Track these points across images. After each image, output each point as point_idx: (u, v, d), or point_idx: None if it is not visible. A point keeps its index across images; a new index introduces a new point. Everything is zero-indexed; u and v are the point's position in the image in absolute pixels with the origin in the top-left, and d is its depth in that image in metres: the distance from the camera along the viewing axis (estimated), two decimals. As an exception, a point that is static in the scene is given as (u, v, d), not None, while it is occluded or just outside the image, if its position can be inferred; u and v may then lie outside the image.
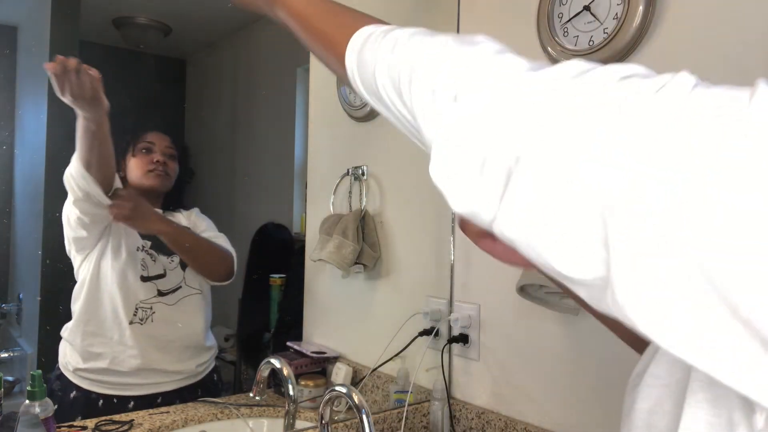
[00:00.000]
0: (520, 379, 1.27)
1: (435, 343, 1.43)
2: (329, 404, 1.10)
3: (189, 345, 1.40)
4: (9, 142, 1.24)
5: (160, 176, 1.36)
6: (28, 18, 1.32)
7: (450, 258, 1.45)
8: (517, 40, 1.29)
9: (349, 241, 1.47)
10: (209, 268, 1.43)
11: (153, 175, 1.36)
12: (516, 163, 0.37)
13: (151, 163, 1.36)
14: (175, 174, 1.40)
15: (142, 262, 1.32)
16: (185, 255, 1.38)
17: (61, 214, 1.24)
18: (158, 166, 1.36)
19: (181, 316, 1.38)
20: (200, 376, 1.41)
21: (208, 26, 1.66)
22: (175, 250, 1.36)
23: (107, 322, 1.28)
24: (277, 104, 1.77)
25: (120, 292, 1.28)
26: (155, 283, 1.34)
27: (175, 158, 1.40)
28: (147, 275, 1.33)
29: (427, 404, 1.38)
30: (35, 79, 1.27)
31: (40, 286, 1.26)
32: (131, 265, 1.31)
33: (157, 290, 1.34)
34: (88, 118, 1.17)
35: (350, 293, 1.63)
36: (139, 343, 1.30)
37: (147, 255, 1.33)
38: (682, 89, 0.35)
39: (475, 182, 0.40)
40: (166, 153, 1.38)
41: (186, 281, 1.39)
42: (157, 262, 1.35)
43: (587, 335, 1.14)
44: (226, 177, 1.46)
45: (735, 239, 0.30)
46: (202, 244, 1.42)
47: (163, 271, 1.36)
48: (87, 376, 1.27)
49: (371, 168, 1.57)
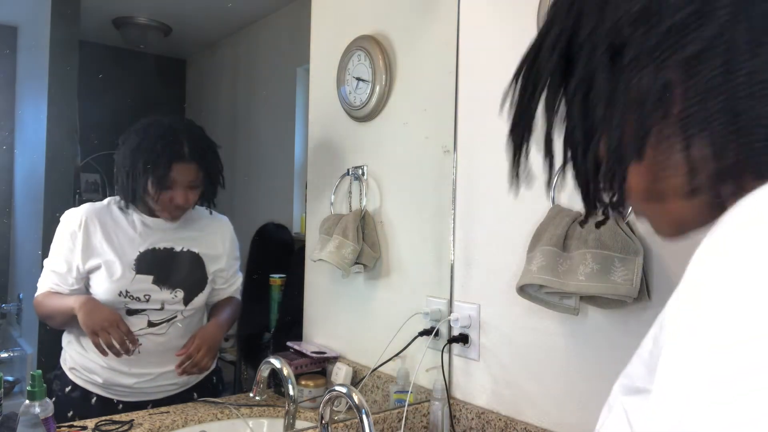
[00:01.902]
0: (520, 379, 1.26)
1: (435, 343, 1.43)
2: (329, 404, 1.10)
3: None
4: (9, 142, 1.24)
5: (174, 216, 1.32)
6: (28, 18, 1.32)
7: (450, 258, 1.45)
8: (517, 40, 1.29)
9: (349, 241, 1.47)
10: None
11: (167, 213, 1.31)
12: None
13: (168, 201, 1.29)
14: (193, 203, 1.33)
15: (125, 307, 1.26)
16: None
17: (61, 214, 1.24)
18: (175, 209, 1.31)
19: (173, 341, 1.32)
20: (199, 379, 1.41)
21: (208, 26, 1.66)
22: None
23: (92, 348, 1.23)
24: (277, 104, 1.77)
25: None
26: (146, 314, 1.29)
27: (198, 185, 1.33)
28: (135, 308, 1.27)
29: (427, 404, 1.38)
30: (35, 79, 1.27)
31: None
32: (113, 304, 1.25)
33: (147, 321, 1.29)
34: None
35: (350, 293, 1.63)
36: (128, 368, 1.28)
37: (132, 300, 1.27)
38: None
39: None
40: (188, 186, 1.31)
41: (184, 313, 1.34)
42: (151, 301, 1.28)
43: (587, 335, 1.14)
44: (226, 177, 1.45)
45: None
46: (232, 321, 1.46)
47: (160, 307, 1.30)
48: (81, 376, 1.27)
49: (371, 168, 1.57)
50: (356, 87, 1.59)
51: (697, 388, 0.33)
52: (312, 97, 1.71)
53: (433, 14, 1.50)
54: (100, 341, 1.20)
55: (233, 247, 1.45)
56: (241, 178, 1.49)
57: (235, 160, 1.67)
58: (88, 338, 1.22)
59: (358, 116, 1.59)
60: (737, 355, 0.32)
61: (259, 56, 1.73)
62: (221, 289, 1.43)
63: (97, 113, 1.37)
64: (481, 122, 1.38)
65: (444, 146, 1.46)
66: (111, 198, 1.30)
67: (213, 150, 1.37)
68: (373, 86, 1.54)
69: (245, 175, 1.66)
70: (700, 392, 0.33)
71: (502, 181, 1.35)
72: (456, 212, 1.44)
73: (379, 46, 1.54)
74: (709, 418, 0.32)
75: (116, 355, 1.23)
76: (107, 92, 1.39)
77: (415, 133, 1.51)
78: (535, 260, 1.10)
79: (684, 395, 0.33)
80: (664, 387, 0.35)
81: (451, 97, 1.45)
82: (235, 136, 1.69)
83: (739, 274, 0.34)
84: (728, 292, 0.34)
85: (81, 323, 1.20)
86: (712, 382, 0.32)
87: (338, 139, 1.67)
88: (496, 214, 1.33)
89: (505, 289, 1.29)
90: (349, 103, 1.61)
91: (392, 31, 1.54)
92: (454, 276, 1.44)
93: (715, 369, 0.32)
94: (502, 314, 1.31)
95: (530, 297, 1.15)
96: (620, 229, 1.02)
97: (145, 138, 1.29)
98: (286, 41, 1.75)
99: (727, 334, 0.33)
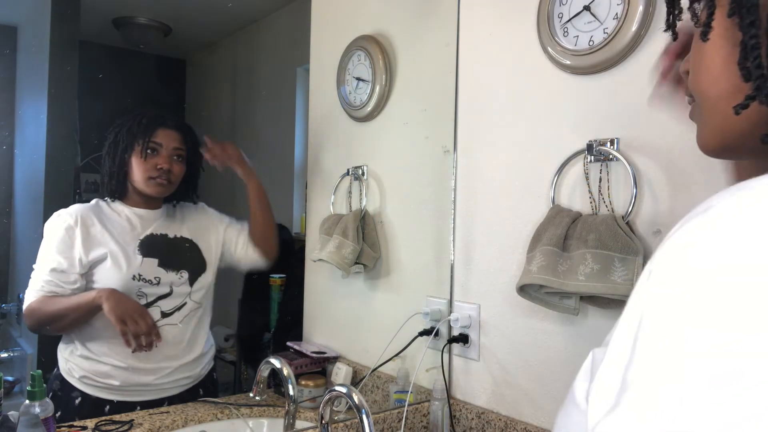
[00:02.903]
0: (520, 379, 1.26)
1: (435, 343, 1.43)
2: (329, 404, 1.10)
3: (194, 357, 1.38)
4: (9, 142, 1.24)
5: (162, 185, 1.32)
6: (28, 18, 1.32)
7: (450, 258, 1.45)
8: (517, 40, 1.29)
9: (349, 241, 1.47)
10: (269, 234, 1.47)
11: (154, 183, 1.31)
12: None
13: (154, 169, 1.30)
14: (178, 179, 1.35)
15: (139, 291, 1.28)
16: (264, 213, 1.44)
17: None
18: (161, 174, 1.31)
19: (186, 334, 1.35)
20: (201, 377, 1.41)
21: (208, 26, 1.66)
22: (259, 206, 1.43)
23: (112, 348, 1.24)
24: (277, 104, 1.77)
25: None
26: (158, 305, 1.31)
27: (184, 158, 1.35)
28: (147, 302, 1.29)
29: (427, 404, 1.38)
30: (35, 79, 1.27)
31: (40, 286, 1.26)
32: (128, 292, 1.26)
33: (160, 312, 1.31)
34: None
35: (350, 293, 1.63)
36: (147, 364, 1.29)
37: (145, 283, 1.28)
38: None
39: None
40: (173, 155, 1.33)
41: (191, 296, 1.36)
42: (161, 284, 1.30)
43: (587, 335, 1.14)
44: (226, 177, 1.46)
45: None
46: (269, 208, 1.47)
47: (169, 290, 1.32)
48: (92, 383, 1.26)
49: (371, 168, 1.57)
50: (356, 87, 1.59)
51: (692, 390, 0.33)
52: (312, 97, 1.71)
53: (433, 14, 1.50)
54: (128, 330, 1.20)
55: (224, 218, 1.47)
56: (242, 178, 1.49)
57: (235, 160, 1.67)
58: (99, 341, 1.22)
59: (358, 116, 1.59)
60: (729, 357, 0.32)
61: (259, 56, 1.73)
62: (246, 242, 1.46)
63: (97, 113, 1.37)
64: (481, 122, 1.38)
65: (444, 146, 1.46)
66: (97, 199, 1.30)
67: (195, 136, 1.40)
68: (373, 86, 1.54)
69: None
70: (695, 394, 0.33)
71: (502, 181, 1.35)
72: (456, 212, 1.44)
73: (379, 46, 1.54)
74: (707, 419, 0.32)
75: (139, 348, 1.23)
76: (107, 92, 1.40)
77: (415, 133, 1.51)
78: (534, 260, 1.10)
79: (679, 397, 0.33)
80: (658, 389, 0.35)
81: (451, 97, 1.45)
82: (235, 136, 1.69)
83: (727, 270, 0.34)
84: (716, 289, 0.34)
85: (109, 312, 1.19)
86: (708, 383, 0.32)
87: (338, 139, 1.67)
88: (496, 214, 1.33)
89: (505, 289, 1.29)
90: (349, 103, 1.61)
91: (392, 31, 1.54)
92: (454, 276, 1.44)
93: (709, 370, 0.33)
94: (502, 314, 1.31)
95: (530, 297, 1.15)
96: (620, 229, 1.02)
97: (131, 119, 1.32)
98: (286, 41, 1.75)
99: (718, 336, 0.33)
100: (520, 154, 1.27)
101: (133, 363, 1.26)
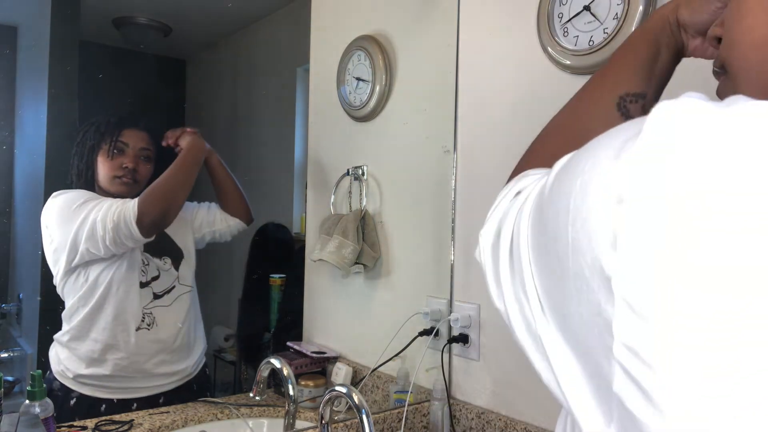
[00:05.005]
0: (520, 379, 1.26)
1: (435, 343, 1.43)
2: (329, 404, 1.10)
3: (186, 343, 1.40)
4: (9, 142, 1.24)
5: (126, 185, 1.29)
6: (28, 18, 1.32)
7: (450, 258, 1.45)
8: (517, 40, 1.29)
9: (349, 241, 1.47)
10: (241, 202, 1.48)
11: (119, 182, 1.29)
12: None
13: (120, 168, 1.29)
14: (146, 179, 1.32)
15: (142, 267, 1.31)
16: (229, 180, 1.44)
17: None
18: (126, 173, 1.29)
19: (178, 316, 1.37)
20: (195, 373, 1.41)
21: (208, 26, 1.66)
22: (223, 175, 1.43)
23: (112, 330, 1.26)
24: (277, 104, 1.77)
25: (128, 299, 1.28)
26: (151, 286, 1.33)
27: (151, 159, 1.34)
28: (145, 280, 1.32)
29: (427, 404, 1.38)
30: (35, 79, 1.27)
31: (40, 286, 1.26)
32: (134, 270, 1.30)
33: (152, 294, 1.33)
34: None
35: (350, 293, 1.63)
36: (144, 348, 1.30)
37: (143, 256, 1.32)
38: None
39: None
40: (140, 155, 1.32)
41: (180, 280, 1.38)
42: (150, 265, 1.33)
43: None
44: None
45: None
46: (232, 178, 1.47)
47: (158, 273, 1.35)
48: (88, 382, 1.25)
49: (371, 168, 1.57)
50: (356, 87, 1.59)
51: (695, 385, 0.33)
52: (312, 97, 1.71)
53: (433, 14, 1.50)
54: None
55: (187, 206, 1.43)
56: (241, 178, 1.49)
57: (235, 160, 1.66)
58: (88, 329, 1.24)
59: (358, 116, 1.59)
60: (728, 348, 0.32)
61: (259, 56, 1.73)
62: (222, 218, 1.47)
63: (97, 113, 1.37)
64: (481, 122, 1.38)
65: (444, 146, 1.46)
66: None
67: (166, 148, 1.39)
68: (373, 86, 1.54)
69: (245, 175, 1.66)
70: (699, 388, 0.32)
71: (502, 181, 1.35)
72: (456, 212, 1.44)
73: (379, 46, 1.54)
74: (714, 412, 0.32)
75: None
76: (107, 92, 1.39)
77: (415, 133, 1.51)
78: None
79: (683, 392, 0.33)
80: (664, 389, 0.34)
81: (451, 97, 1.45)
82: (235, 136, 1.69)
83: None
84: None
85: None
86: (710, 376, 0.32)
87: (338, 139, 1.67)
88: (496, 214, 1.33)
89: (505, 289, 1.29)
90: (349, 103, 1.61)
91: (392, 31, 1.54)
92: (454, 276, 1.44)
93: (710, 363, 0.32)
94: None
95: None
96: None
97: (100, 119, 1.31)
98: (286, 41, 1.75)
99: (715, 328, 0.32)
100: (521, 154, 1.27)
101: (133, 348, 1.28)
